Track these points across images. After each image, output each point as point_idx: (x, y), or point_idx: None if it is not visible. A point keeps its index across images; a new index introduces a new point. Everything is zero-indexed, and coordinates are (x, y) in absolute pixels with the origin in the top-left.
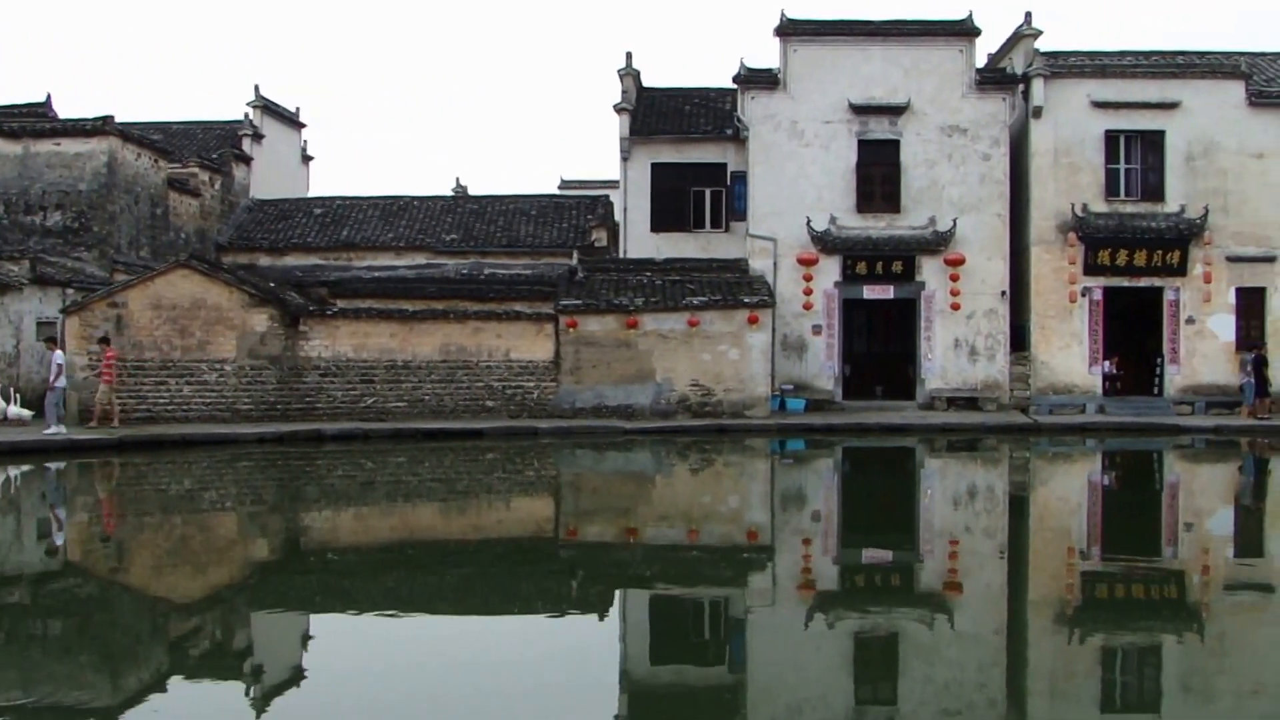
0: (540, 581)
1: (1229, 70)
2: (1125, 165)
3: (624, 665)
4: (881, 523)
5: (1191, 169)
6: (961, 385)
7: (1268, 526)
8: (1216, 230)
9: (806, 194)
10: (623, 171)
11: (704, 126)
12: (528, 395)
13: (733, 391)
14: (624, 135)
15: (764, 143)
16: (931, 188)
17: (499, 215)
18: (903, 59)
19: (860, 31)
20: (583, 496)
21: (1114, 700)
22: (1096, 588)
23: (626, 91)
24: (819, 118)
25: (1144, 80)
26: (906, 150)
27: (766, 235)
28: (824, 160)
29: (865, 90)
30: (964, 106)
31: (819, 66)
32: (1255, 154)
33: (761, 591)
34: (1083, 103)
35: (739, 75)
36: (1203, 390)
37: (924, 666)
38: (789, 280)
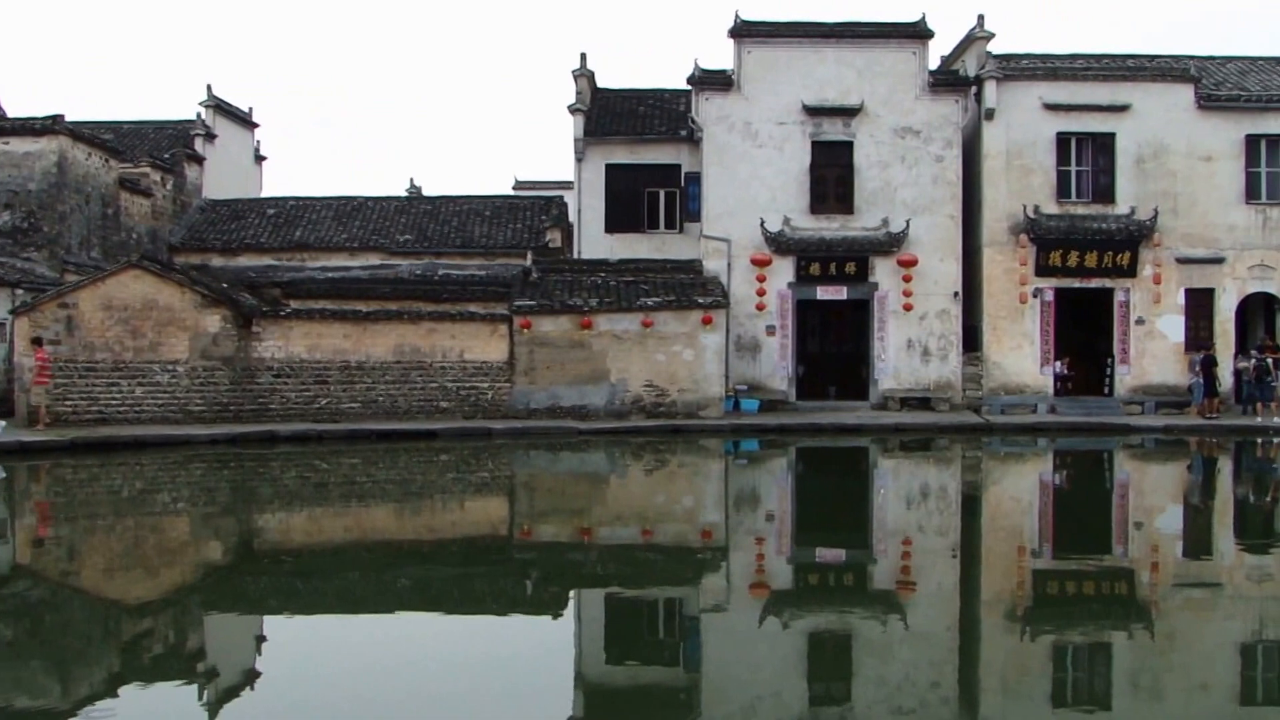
0: (495, 582)
1: (1179, 74)
2: (1076, 167)
3: (579, 665)
4: (835, 523)
5: (1141, 171)
6: (914, 385)
7: (1216, 525)
8: (1166, 232)
9: (760, 195)
10: (577, 172)
11: (658, 128)
12: (482, 396)
13: (687, 392)
14: (578, 136)
15: (718, 144)
16: (885, 189)
17: (453, 216)
18: (856, 61)
19: (814, 33)
20: (537, 497)
21: (1065, 697)
22: (1048, 586)
23: (581, 92)
24: (773, 119)
25: (1095, 83)
26: (860, 152)
27: (720, 236)
28: (778, 161)
29: (819, 92)
30: (917, 108)
31: (773, 68)
32: (1204, 157)
33: (716, 591)
34: (1034, 105)
35: (693, 76)
36: (1152, 390)
37: (878, 665)
38: (743, 281)
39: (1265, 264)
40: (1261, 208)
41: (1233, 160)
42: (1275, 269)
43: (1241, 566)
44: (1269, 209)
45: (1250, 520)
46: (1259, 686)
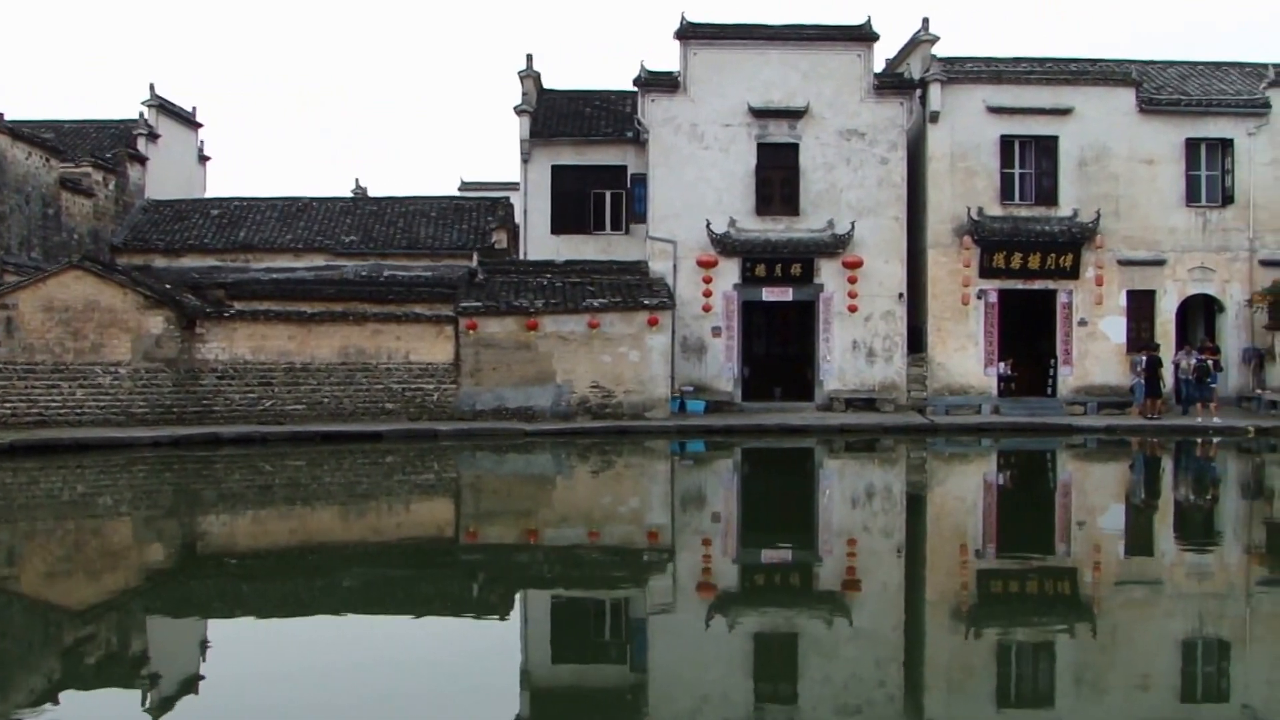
0: (441, 584)
1: (1120, 78)
2: (1020, 170)
3: (525, 666)
4: (781, 523)
5: (1084, 174)
6: (859, 386)
7: (1157, 524)
8: (1108, 234)
9: (706, 196)
10: (523, 173)
11: (604, 129)
12: (428, 397)
13: (633, 393)
14: (524, 137)
15: (664, 145)
16: (830, 191)
17: (399, 217)
18: (801, 63)
19: (760, 35)
20: (483, 499)
21: (1009, 695)
22: (992, 585)
23: (527, 93)
24: (719, 121)
25: (1038, 86)
26: (805, 154)
27: (666, 237)
28: (723, 163)
29: (764, 94)
30: (862, 111)
31: (719, 70)
32: (1145, 160)
33: (662, 592)
34: (979, 108)
35: (639, 78)
36: (1095, 391)
37: (824, 664)
38: (689, 282)
39: (1205, 266)
40: (1201, 210)
41: (1173, 164)
42: (1215, 271)
43: (1181, 565)
44: (1209, 212)
45: (1190, 519)
46: (1198, 683)
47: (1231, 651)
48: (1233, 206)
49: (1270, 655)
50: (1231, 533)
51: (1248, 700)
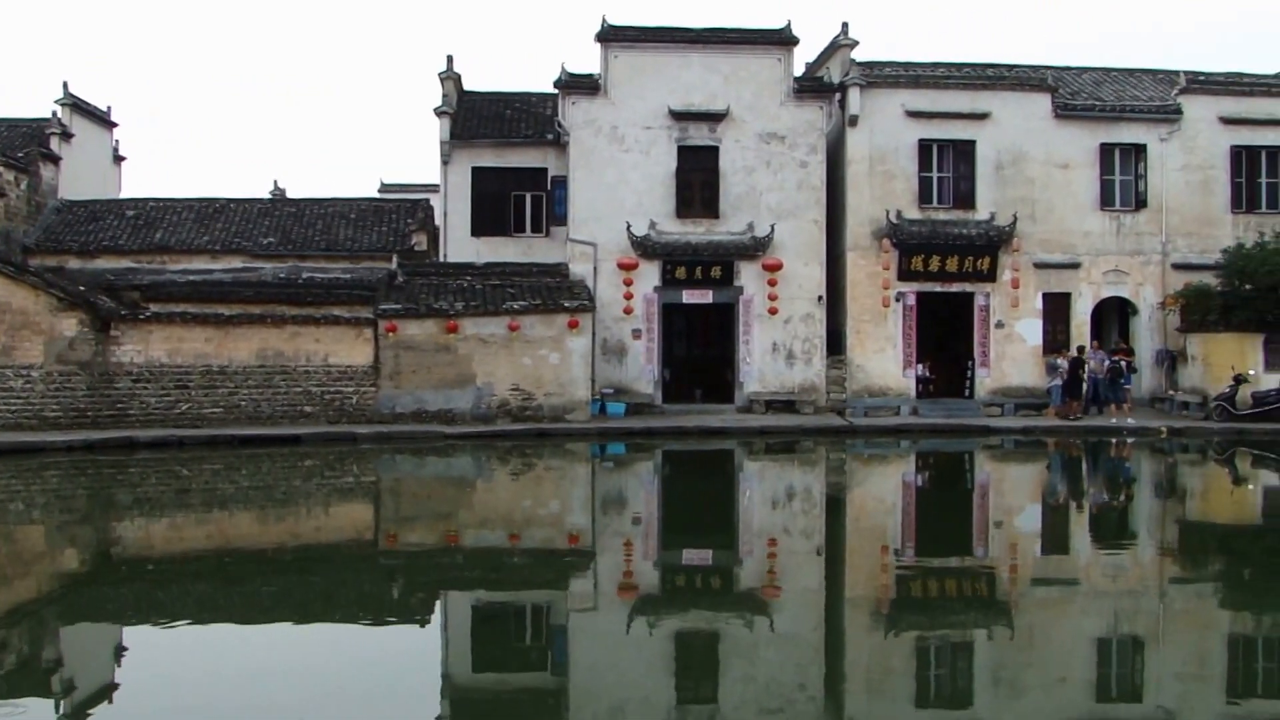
0: (360, 588)
1: (1036, 83)
2: (938, 173)
3: (445, 670)
4: (702, 525)
5: (1001, 178)
6: (779, 388)
7: (1073, 524)
8: (1024, 237)
9: (627, 199)
10: (443, 175)
11: (525, 131)
12: (347, 400)
13: (553, 395)
14: (444, 139)
15: (585, 148)
16: (750, 194)
17: (317, 218)
18: (722, 66)
19: (681, 39)
20: (403, 502)
21: (928, 695)
22: (911, 586)
23: (447, 95)
24: (639, 123)
25: (956, 91)
26: (725, 157)
27: (587, 240)
28: (644, 166)
29: (685, 97)
30: (782, 114)
31: (640, 72)
32: (1061, 164)
33: (583, 595)
34: (897, 112)
35: (560, 80)
36: (1011, 392)
37: (744, 665)
38: (609, 285)
39: (1119, 269)
40: (1115, 214)
41: (1088, 168)
42: (1129, 274)
43: (1096, 564)
44: (1122, 215)
45: (1104, 519)
46: (1114, 681)
47: (1146, 649)
48: (1146, 211)
49: (1184, 653)
50: (1145, 532)
51: (1161, 700)
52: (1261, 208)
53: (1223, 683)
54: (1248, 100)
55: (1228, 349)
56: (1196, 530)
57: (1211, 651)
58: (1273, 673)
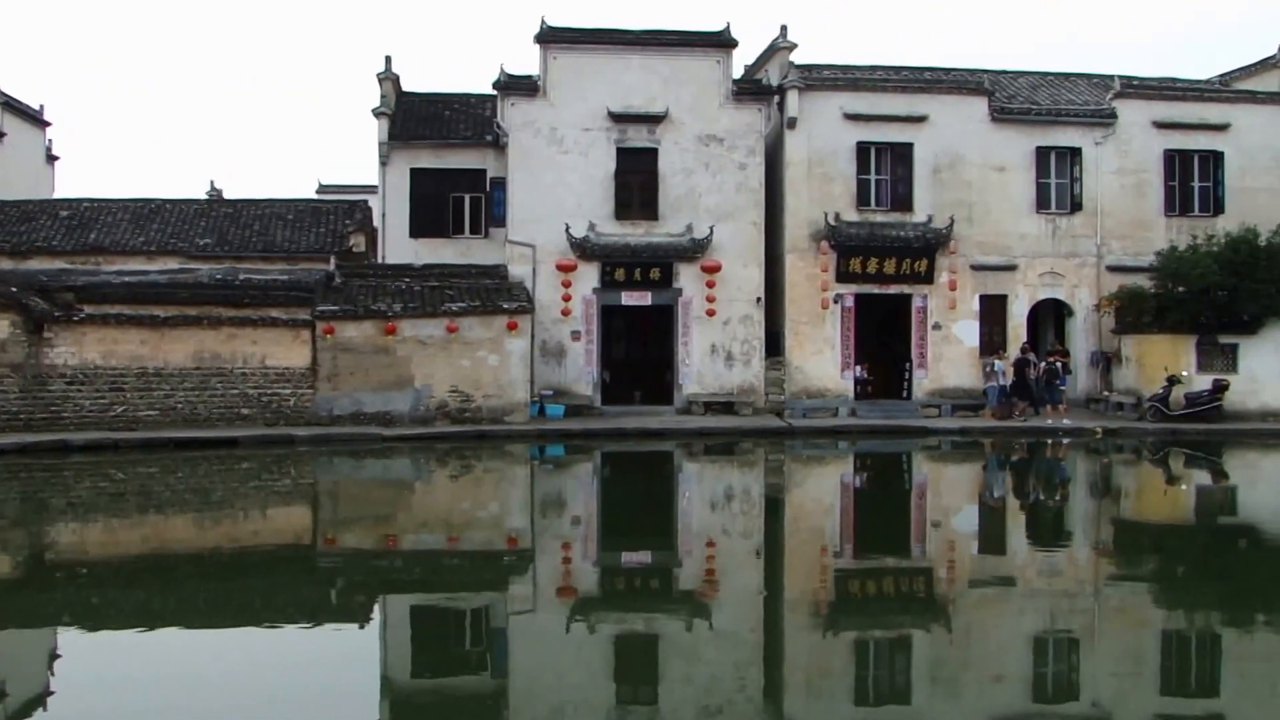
0: (298, 591)
1: (973, 87)
2: (876, 176)
3: (385, 673)
4: (641, 526)
5: (938, 180)
6: (718, 390)
7: (1009, 524)
8: (961, 240)
9: (566, 201)
10: (381, 176)
11: (464, 132)
12: (284, 402)
13: (492, 397)
14: (383, 140)
15: (524, 149)
16: (689, 196)
17: (255, 219)
18: (661, 69)
19: (620, 40)
20: (341, 504)
21: (867, 694)
22: (850, 585)
23: (386, 96)
24: (579, 125)
25: (893, 94)
26: (664, 159)
27: (526, 242)
28: (583, 167)
29: (624, 99)
30: (721, 116)
31: (579, 74)
32: (997, 167)
33: (522, 597)
34: (835, 115)
35: (499, 81)
36: (948, 393)
37: (685, 666)
38: (548, 286)
39: (1055, 271)
40: (1051, 217)
41: (1024, 171)
42: (1064, 276)
43: (1033, 563)
44: (1058, 218)
45: (1040, 519)
46: (1049, 679)
47: (1081, 647)
48: (1081, 213)
49: (1118, 651)
50: (1080, 532)
51: (1097, 697)
52: (1194, 211)
53: (1156, 680)
54: (1180, 105)
55: (1161, 350)
56: (1131, 529)
57: (1145, 649)
58: (1205, 669)
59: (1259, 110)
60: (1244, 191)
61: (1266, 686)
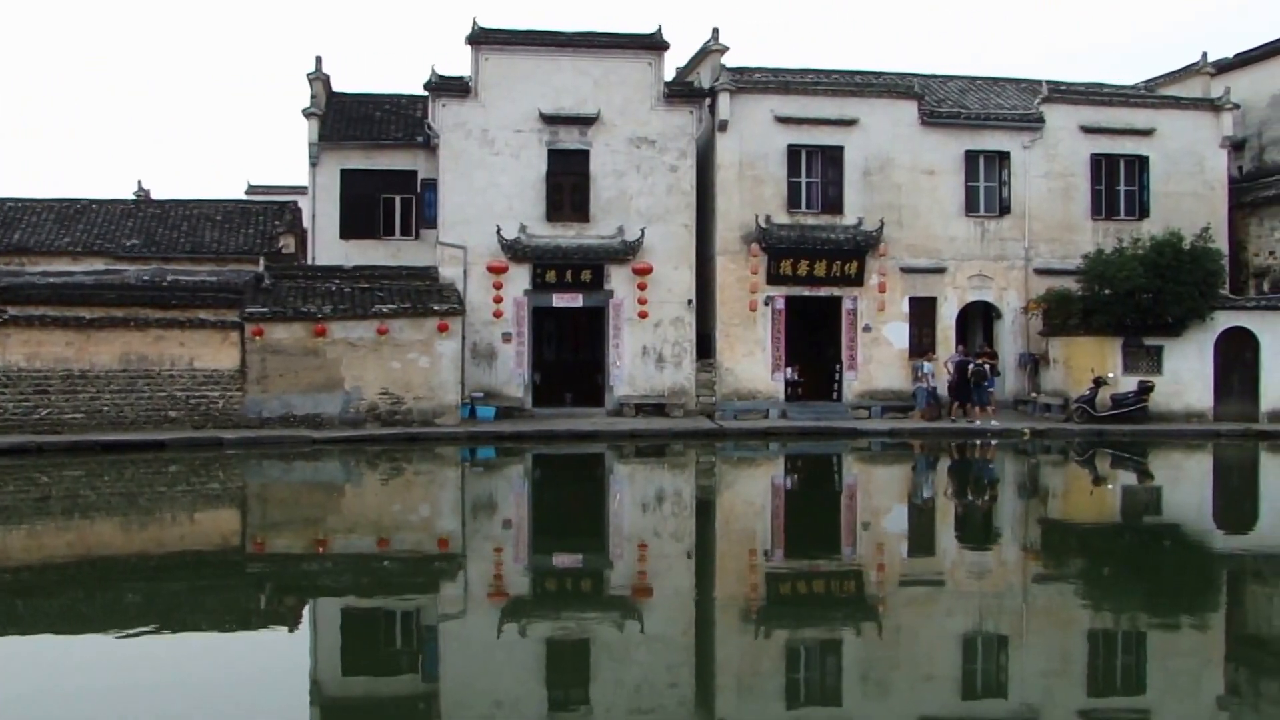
0: (227, 596)
1: (903, 90)
2: (807, 179)
3: (315, 677)
4: (572, 528)
5: (868, 183)
6: (649, 392)
7: (939, 524)
8: (891, 242)
9: (497, 202)
10: (311, 177)
11: (395, 133)
12: (212, 405)
13: (423, 399)
14: (313, 140)
15: (455, 151)
16: (620, 198)
17: (183, 220)
18: (593, 70)
19: (552, 42)
20: (270, 508)
21: (798, 694)
22: (781, 587)
23: (316, 96)
24: (510, 126)
25: (824, 98)
26: (596, 160)
27: (457, 243)
28: (514, 169)
29: (556, 100)
30: (652, 119)
31: (510, 76)
32: (927, 170)
33: (454, 599)
34: (767, 118)
35: (430, 82)
36: (878, 395)
37: (616, 668)
38: (479, 288)
39: (983, 274)
40: (980, 220)
41: (953, 174)
42: (993, 279)
43: (962, 564)
44: (986, 221)
45: (970, 519)
46: (979, 678)
47: (1010, 646)
48: (1009, 217)
49: (1046, 649)
50: (1009, 531)
51: (1025, 696)
52: (1120, 214)
53: (1083, 678)
54: (1107, 110)
55: (1088, 352)
56: (1058, 529)
57: (1072, 647)
58: (1130, 668)
59: (1183, 116)
60: (1168, 196)
61: (1190, 682)
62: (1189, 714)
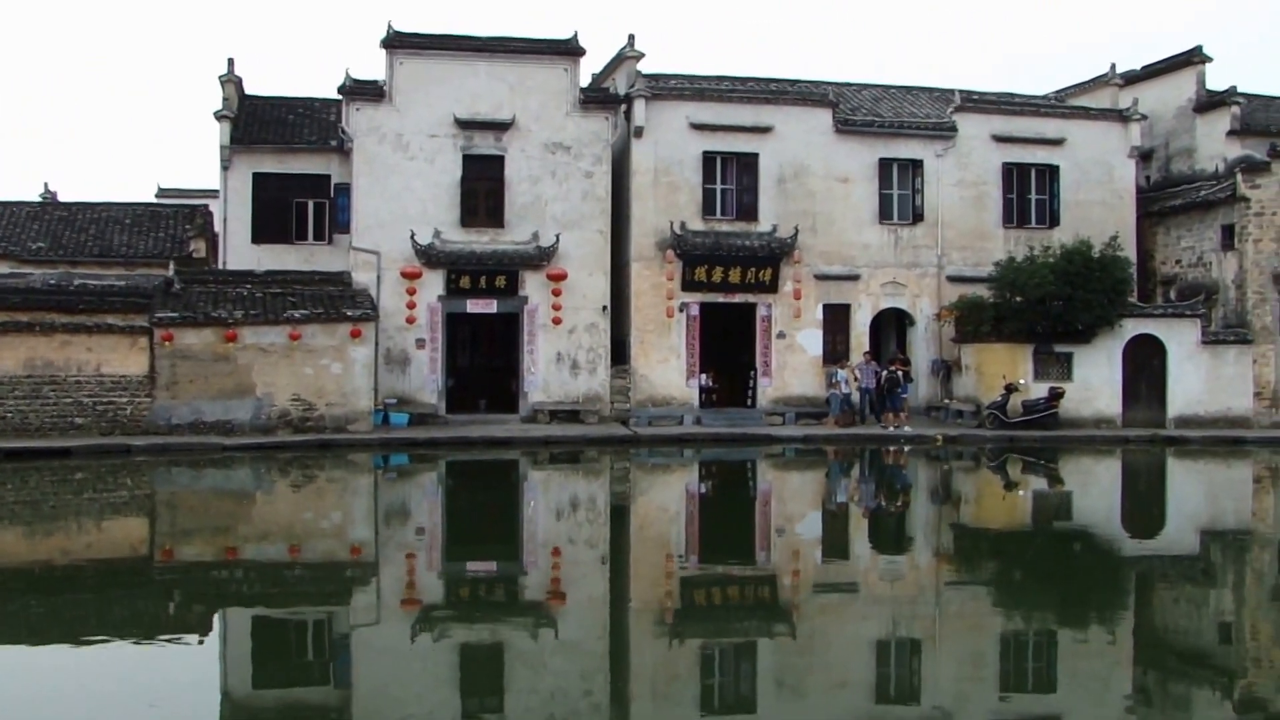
0: (134, 605)
1: (817, 99)
2: (722, 185)
3: (225, 688)
4: (486, 535)
5: (783, 191)
6: (564, 398)
7: (852, 530)
8: (806, 249)
9: (411, 207)
10: (223, 181)
11: (308, 137)
12: (121, 411)
13: (335, 406)
14: (224, 143)
15: (369, 155)
16: (535, 204)
17: (91, 223)
18: (509, 76)
19: (467, 47)
20: (180, 516)
21: (713, 700)
22: (695, 593)
23: (228, 98)
24: (425, 131)
25: (739, 105)
26: (511, 166)
27: (370, 248)
28: (429, 174)
29: (471, 105)
30: (568, 124)
31: (425, 80)
32: (841, 178)
33: (366, 607)
34: (682, 124)
35: (344, 86)
36: (792, 401)
37: (530, 675)
38: (393, 294)
39: (897, 281)
40: (893, 228)
41: (867, 182)
42: (906, 286)
43: (875, 569)
44: (900, 229)
45: (882, 525)
46: (892, 683)
47: (923, 650)
48: (922, 224)
49: (959, 653)
50: (921, 537)
51: (938, 700)
52: (1031, 223)
53: (995, 681)
54: (1018, 120)
55: (999, 359)
56: (970, 535)
57: (984, 651)
58: (1041, 671)
59: (1092, 126)
60: (1078, 204)
61: (1099, 684)
62: (1098, 716)
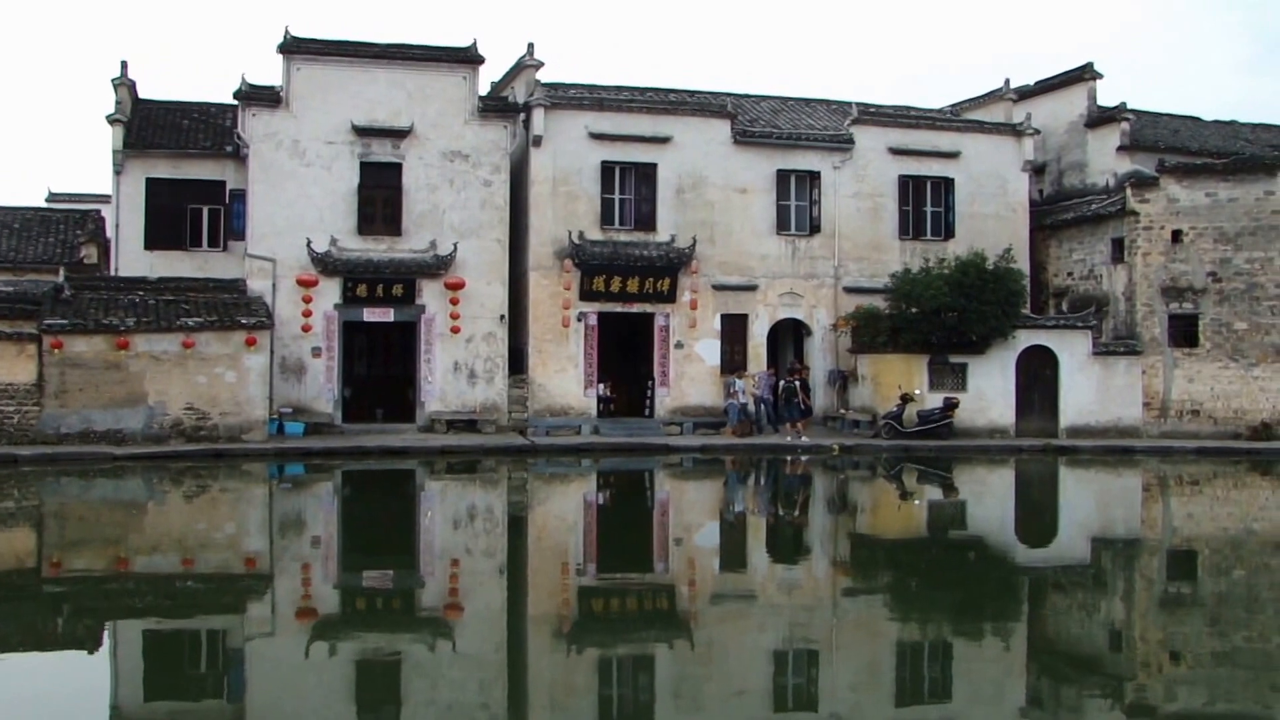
0: (21, 619)
1: (716, 109)
2: (620, 195)
3: (115, 703)
4: (382, 546)
5: (681, 201)
6: (461, 408)
7: (750, 539)
8: (704, 260)
9: (307, 214)
10: (115, 186)
11: (203, 142)
12: (7, 420)
13: (229, 415)
14: (117, 148)
15: (264, 161)
16: (433, 212)
17: None
18: (407, 83)
19: (365, 53)
20: (69, 527)
21: (611, 712)
22: (594, 603)
23: (121, 102)
24: (321, 138)
25: (638, 115)
26: (409, 174)
27: (266, 256)
28: (326, 181)
29: (369, 112)
30: (466, 133)
31: (323, 86)
32: (739, 189)
33: (261, 619)
34: (581, 134)
35: (240, 91)
36: (690, 411)
37: (427, 687)
38: (288, 301)
39: (794, 292)
40: (791, 238)
41: (765, 193)
42: (803, 297)
43: (773, 578)
44: (797, 240)
45: (780, 534)
46: (790, 692)
47: (820, 659)
48: (820, 236)
49: (855, 662)
50: (819, 546)
51: (835, 708)
52: (926, 234)
53: (891, 688)
54: (914, 133)
55: (895, 369)
56: (866, 544)
57: (881, 659)
58: (937, 679)
59: (987, 139)
60: (973, 217)
61: (994, 690)
62: None
